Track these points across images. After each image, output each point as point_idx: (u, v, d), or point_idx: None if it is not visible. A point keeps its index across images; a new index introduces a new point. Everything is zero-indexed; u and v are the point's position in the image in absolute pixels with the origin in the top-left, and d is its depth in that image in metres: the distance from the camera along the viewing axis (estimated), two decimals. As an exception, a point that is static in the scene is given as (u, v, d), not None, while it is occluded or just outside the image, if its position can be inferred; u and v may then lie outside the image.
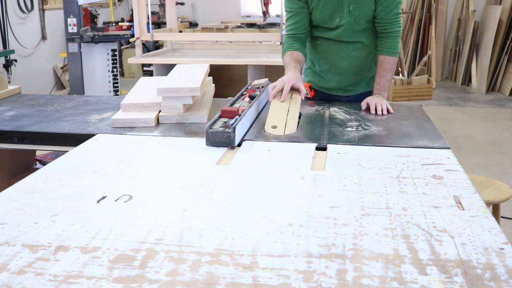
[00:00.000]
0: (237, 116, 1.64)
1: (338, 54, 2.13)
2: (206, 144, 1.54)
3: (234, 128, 1.53)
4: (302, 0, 2.05)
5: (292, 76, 1.91)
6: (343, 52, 2.11)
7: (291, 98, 1.86)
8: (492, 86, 6.89)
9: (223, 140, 1.52)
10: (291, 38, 2.14)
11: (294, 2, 2.07)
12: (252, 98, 1.89)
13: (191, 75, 2.01)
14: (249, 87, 2.08)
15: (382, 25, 2.04)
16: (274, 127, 1.70)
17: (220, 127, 1.57)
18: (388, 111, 1.97)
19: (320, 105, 2.10)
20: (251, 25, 6.67)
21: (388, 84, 2.07)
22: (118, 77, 5.64)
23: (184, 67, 2.20)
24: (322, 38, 2.14)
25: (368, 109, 2.00)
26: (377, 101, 1.99)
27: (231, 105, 1.80)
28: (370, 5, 2.00)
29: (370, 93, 2.16)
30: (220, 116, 1.66)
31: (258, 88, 2.06)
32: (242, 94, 1.97)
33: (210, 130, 1.54)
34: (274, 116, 1.75)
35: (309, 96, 2.16)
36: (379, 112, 1.96)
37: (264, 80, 2.16)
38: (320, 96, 2.25)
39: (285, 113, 1.77)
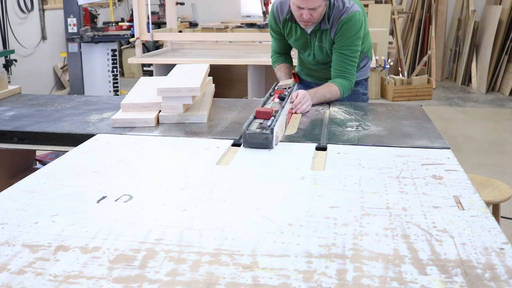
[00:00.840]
0: (272, 117, 1.62)
1: (311, 68, 2.36)
2: (243, 146, 1.53)
3: (272, 129, 1.52)
4: (278, 32, 2.30)
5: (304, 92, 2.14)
6: (316, 68, 2.34)
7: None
8: (492, 86, 6.89)
9: (260, 141, 1.51)
10: (277, 55, 2.44)
11: (274, 31, 2.32)
12: (281, 98, 1.88)
13: (191, 75, 2.01)
14: (276, 88, 2.08)
15: (336, 72, 2.17)
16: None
17: (257, 128, 1.55)
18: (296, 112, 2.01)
19: (320, 105, 2.10)
20: (251, 25, 6.67)
21: (322, 98, 2.12)
22: (118, 77, 5.64)
23: (184, 67, 2.20)
24: (304, 55, 2.36)
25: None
26: (306, 97, 2.03)
27: (262, 106, 1.79)
28: (330, 57, 2.20)
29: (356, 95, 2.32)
30: (255, 117, 1.64)
31: (285, 88, 2.05)
32: (270, 95, 1.97)
33: (247, 132, 1.52)
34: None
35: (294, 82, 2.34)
36: (294, 110, 1.99)
37: (290, 81, 2.17)
38: (304, 83, 2.47)
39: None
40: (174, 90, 1.82)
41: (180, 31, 5.55)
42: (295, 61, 2.51)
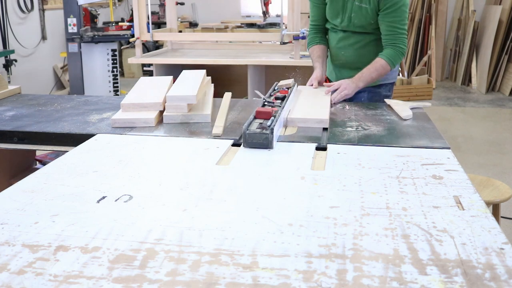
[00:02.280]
0: (272, 117, 1.62)
1: (337, 47, 2.30)
2: (243, 146, 1.53)
3: (272, 129, 1.52)
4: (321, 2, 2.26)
5: (317, 75, 2.24)
6: (341, 46, 2.28)
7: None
8: (492, 86, 6.89)
9: (260, 141, 1.51)
10: (314, 30, 2.37)
11: None
12: (278, 99, 1.88)
13: (188, 82, 2.05)
14: (276, 88, 2.08)
15: (387, 38, 2.14)
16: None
17: (257, 128, 1.55)
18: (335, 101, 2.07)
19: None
20: (251, 25, 6.67)
21: (369, 79, 2.13)
22: (118, 77, 5.64)
23: (183, 75, 2.23)
24: (335, 31, 2.31)
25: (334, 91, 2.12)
26: (343, 87, 2.09)
27: (263, 106, 1.79)
28: (370, 17, 2.14)
29: (368, 93, 2.26)
30: (255, 117, 1.64)
31: (288, 88, 2.05)
32: (270, 95, 1.97)
33: (247, 132, 1.52)
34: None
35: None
36: (333, 100, 2.06)
37: (290, 81, 2.17)
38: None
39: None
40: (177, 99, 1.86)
41: (180, 31, 5.55)
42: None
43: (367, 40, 2.23)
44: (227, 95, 2.19)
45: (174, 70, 3.34)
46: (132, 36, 4.04)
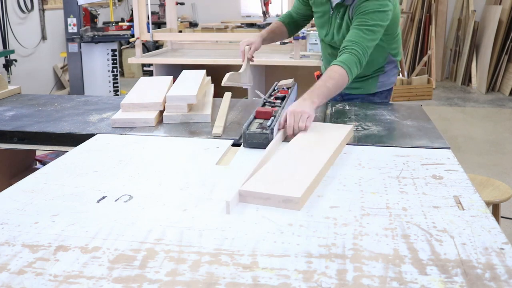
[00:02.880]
0: (272, 117, 1.62)
1: (328, 56, 2.23)
2: (243, 146, 1.53)
3: (272, 129, 1.52)
4: (306, 2, 2.21)
5: (251, 39, 2.19)
6: (332, 56, 2.17)
7: None
8: (492, 86, 6.89)
9: (260, 141, 1.51)
10: (290, 14, 2.31)
11: (299, 1, 2.23)
12: (278, 99, 1.88)
13: (189, 82, 2.05)
14: (276, 88, 2.08)
15: (345, 42, 1.86)
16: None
17: (257, 128, 1.55)
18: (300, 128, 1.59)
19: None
20: (251, 25, 6.66)
21: (325, 90, 1.71)
22: (118, 77, 5.64)
23: (184, 74, 2.23)
24: (321, 40, 2.27)
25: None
26: (298, 112, 1.59)
27: (262, 106, 1.79)
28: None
29: (366, 96, 2.21)
30: (255, 117, 1.63)
31: (288, 88, 2.05)
32: (270, 95, 1.97)
33: (247, 132, 1.52)
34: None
35: None
36: (289, 131, 1.59)
37: (290, 81, 2.16)
38: None
39: None
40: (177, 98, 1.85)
41: (180, 31, 5.55)
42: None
43: None
44: (227, 95, 2.18)
45: (174, 70, 3.34)
46: (132, 36, 4.04)
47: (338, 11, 2.02)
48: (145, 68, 7.31)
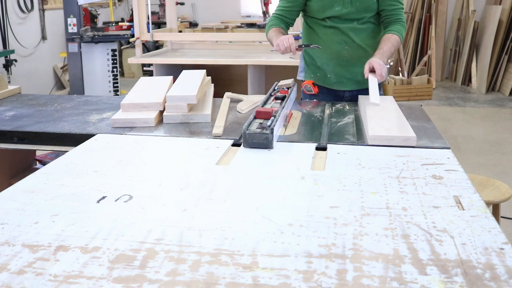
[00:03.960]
0: (272, 117, 1.62)
1: (338, 42, 2.14)
2: (243, 146, 1.53)
3: (272, 129, 1.52)
4: None
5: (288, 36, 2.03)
6: (344, 40, 2.13)
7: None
8: (492, 86, 6.89)
9: (260, 141, 1.51)
10: (278, 19, 2.20)
11: None
12: (278, 99, 1.88)
13: (189, 82, 2.05)
14: (275, 88, 2.08)
15: (388, 16, 2.12)
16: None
17: (257, 128, 1.55)
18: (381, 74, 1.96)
19: (320, 105, 2.10)
20: (251, 25, 6.66)
21: (388, 54, 2.06)
22: (118, 77, 5.64)
23: (184, 75, 2.23)
24: (321, 27, 2.15)
25: (371, 71, 1.99)
26: (378, 62, 1.97)
27: (262, 106, 1.79)
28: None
29: (364, 91, 2.18)
30: (255, 117, 1.64)
31: (288, 88, 2.06)
32: (270, 95, 1.97)
33: (247, 132, 1.52)
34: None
35: (313, 93, 2.22)
36: (378, 75, 1.95)
37: (290, 81, 2.16)
38: (324, 92, 2.26)
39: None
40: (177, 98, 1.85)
41: (180, 31, 5.54)
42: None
43: (371, 28, 2.14)
44: (227, 96, 2.18)
45: (174, 70, 3.35)
46: (132, 36, 4.04)
47: None
48: (145, 68, 7.31)
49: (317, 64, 2.24)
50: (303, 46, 2.08)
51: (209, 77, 2.32)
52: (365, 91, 2.11)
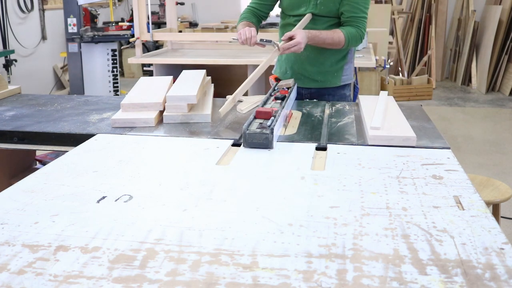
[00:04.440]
0: (272, 117, 1.62)
1: (304, 53, 2.18)
2: (243, 146, 1.53)
3: (272, 129, 1.52)
4: None
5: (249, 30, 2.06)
6: (311, 48, 2.17)
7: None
8: (492, 86, 6.89)
9: (260, 141, 1.51)
10: (251, 12, 2.27)
11: None
12: (278, 99, 1.88)
13: (189, 82, 2.04)
14: (275, 88, 2.09)
15: (346, 22, 2.09)
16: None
17: (257, 128, 1.55)
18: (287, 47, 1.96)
19: (320, 105, 2.10)
20: (251, 25, 6.66)
21: (321, 40, 2.05)
22: (118, 77, 5.64)
23: (183, 75, 2.23)
24: (288, 24, 2.23)
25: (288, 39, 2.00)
26: (298, 40, 1.96)
27: (262, 106, 1.79)
28: (336, 3, 2.09)
29: (332, 89, 2.26)
30: (255, 117, 1.64)
31: (288, 88, 2.06)
32: (270, 95, 1.97)
33: (247, 132, 1.51)
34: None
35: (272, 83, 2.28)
36: (281, 48, 1.96)
37: (290, 81, 2.16)
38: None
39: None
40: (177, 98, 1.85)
41: (180, 31, 5.54)
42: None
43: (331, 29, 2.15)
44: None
45: (174, 70, 3.35)
46: (132, 36, 4.04)
47: None
48: (145, 68, 7.31)
49: (281, 60, 2.33)
50: (264, 40, 2.08)
51: (209, 77, 2.32)
52: (324, 90, 2.24)
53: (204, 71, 2.24)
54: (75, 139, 1.70)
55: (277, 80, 2.26)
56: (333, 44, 2.07)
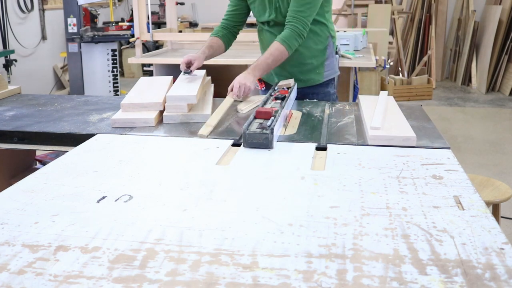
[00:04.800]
0: (272, 117, 1.62)
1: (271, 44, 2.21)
2: (243, 146, 1.53)
3: (272, 129, 1.52)
4: None
5: (192, 56, 2.19)
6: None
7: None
8: (492, 86, 6.89)
9: (260, 141, 1.51)
10: (222, 26, 2.36)
11: None
12: (278, 99, 1.88)
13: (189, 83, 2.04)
14: (275, 88, 2.09)
15: (287, 18, 2.08)
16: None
17: (257, 128, 1.55)
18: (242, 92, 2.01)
19: (320, 105, 2.10)
20: (251, 25, 6.66)
21: (265, 65, 2.06)
22: (118, 77, 5.64)
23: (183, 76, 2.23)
24: (262, 30, 2.32)
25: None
26: (237, 83, 2.02)
27: (262, 106, 1.79)
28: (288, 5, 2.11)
29: (315, 88, 2.28)
30: (255, 117, 1.64)
31: (288, 88, 2.06)
32: (270, 95, 1.97)
33: (247, 132, 1.51)
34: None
35: (259, 88, 2.31)
36: (234, 94, 2.01)
37: (290, 81, 2.16)
38: (268, 87, 2.37)
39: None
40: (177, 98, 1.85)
41: (180, 31, 5.54)
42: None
43: None
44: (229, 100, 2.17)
45: (174, 70, 3.34)
46: (132, 36, 4.04)
47: None
48: (145, 68, 7.31)
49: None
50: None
51: (209, 77, 2.32)
52: (307, 89, 2.26)
53: (204, 71, 2.24)
54: (75, 139, 1.70)
55: (260, 81, 2.28)
56: (279, 59, 2.07)
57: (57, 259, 0.89)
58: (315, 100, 2.25)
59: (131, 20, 5.29)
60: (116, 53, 5.59)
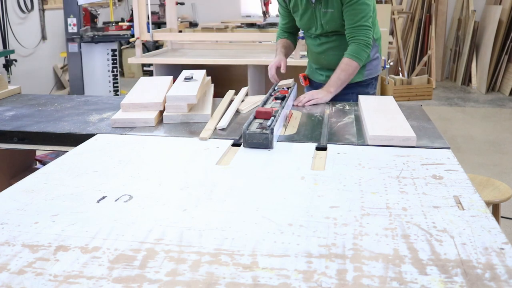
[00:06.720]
0: (272, 117, 1.62)
1: (317, 52, 2.35)
2: (243, 146, 1.53)
3: (272, 129, 1.52)
4: (285, 7, 2.34)
5: (276, 60, 2.30)
6: (322, 50, 2.32)
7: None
8: (492, 86, 6.89)
9: (260, 141, 1.51)
10: (282, 30, 2.49)
11: (281, 6, 2.37)
12: (278, 99, 1.89)
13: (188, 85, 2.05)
14: (275, 88, 2.09)
15: (348, 33, 2.17)
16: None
17: (257, 128, 1.55)
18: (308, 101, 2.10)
19: (320, 105, 2.10)
20: (251, 25, 6.66)
21: (338, 82, 2.15)
22: (118, 77, 5.64)
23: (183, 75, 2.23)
24: (308, 37, 2.40)
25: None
26: (311, 94, 2.13)
27: (262, 106, 1.79)
28: (339, 19, 2.17)
29: (355, 87, 2.29)
30: (255, 117, 1.64)
31: (288, 88, 2.06)
32: (270, 95, 1.97)
33: (247, 132, 1.51)
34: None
35: (303, 84, 2.44)
36: (299, 103, 2.09)
37: (290, 81, 2.17)
38: (314, 85, 2.45)
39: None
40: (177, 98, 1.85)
41: (180, 31, 5.54)
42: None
43: (345, 41, 2.23)
44: (230, 93, 2.18)
45: (174, 70, 3.34)
46: (132, 36, 4.04)
47: (320, 2, 2.15)
48: (145, 68, 7.31)
49: (311, 64, 2.51)
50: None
51: (209, 77, 2.32)
52: (344, 89, 2.25)
53: (204, 71, 2.24)
54: (75, 139, 1.70)
55: (305, 78, 2.44)
56: (351, 72, 2.16)
57: (57, 259, 0.89)
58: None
59: (131, 20, 5.28)
60: (116, 53, 5.58)
